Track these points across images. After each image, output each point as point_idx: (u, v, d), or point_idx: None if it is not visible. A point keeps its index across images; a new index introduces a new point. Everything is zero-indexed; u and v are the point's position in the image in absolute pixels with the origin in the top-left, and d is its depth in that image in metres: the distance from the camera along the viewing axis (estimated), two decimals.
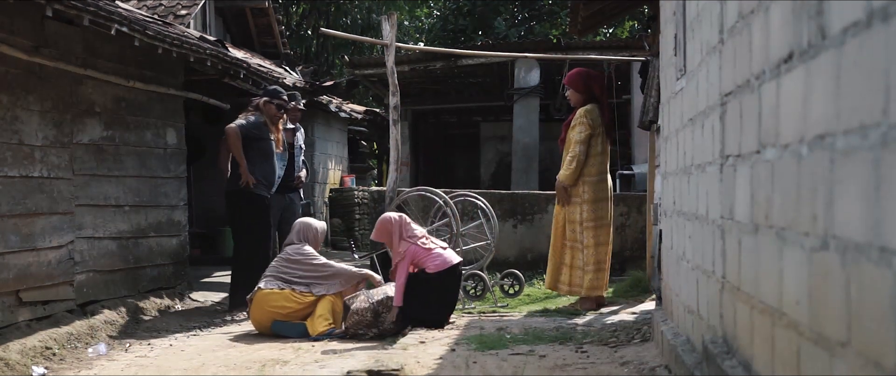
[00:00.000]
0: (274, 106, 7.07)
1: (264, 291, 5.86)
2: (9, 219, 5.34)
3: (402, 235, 5.74)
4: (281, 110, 7.16)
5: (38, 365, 4.87)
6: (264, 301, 5.82)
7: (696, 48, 3.25)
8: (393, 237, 5.78)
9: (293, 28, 21.17)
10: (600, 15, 7.47)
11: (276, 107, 7.10)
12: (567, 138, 6.48)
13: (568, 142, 6.46)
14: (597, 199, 6.40)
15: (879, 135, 1.30)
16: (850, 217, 1.45)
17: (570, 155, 6.38)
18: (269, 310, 5.80)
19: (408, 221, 5.85)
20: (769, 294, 2.04)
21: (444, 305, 5.67)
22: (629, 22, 19.52)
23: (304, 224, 6.31)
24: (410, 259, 5.65)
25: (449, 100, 16.33)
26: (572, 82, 6.55)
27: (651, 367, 3.82)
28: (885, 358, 1.29)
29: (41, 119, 5.75)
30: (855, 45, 1.42)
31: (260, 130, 7.01)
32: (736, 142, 2.45)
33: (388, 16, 7.81)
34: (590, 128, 6.39)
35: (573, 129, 6.40)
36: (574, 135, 6.37)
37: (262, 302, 5.83)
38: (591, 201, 6.38)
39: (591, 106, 6.43)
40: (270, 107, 7.05)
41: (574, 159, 6.33)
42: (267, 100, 7.08)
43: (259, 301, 5.85)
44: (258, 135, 6.96)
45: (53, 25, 5.84)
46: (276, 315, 5.80)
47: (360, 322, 5.54)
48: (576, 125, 6.40)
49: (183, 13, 11.40)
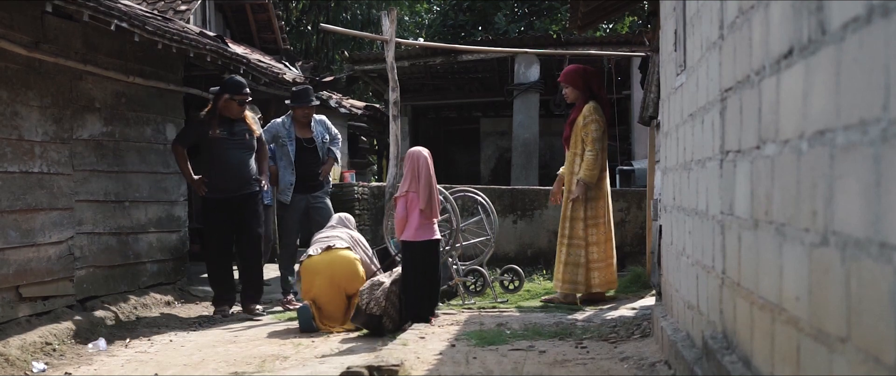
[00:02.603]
0: (235, 102, 6.62)
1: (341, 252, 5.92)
2: (9, 214, 5.35)
3: (418, 176, 5.66)
4: (242, 106, 6.68)
5: (38, 360, 4.88)
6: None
7: (696, 44, 3.25)
8: (409, 171, 5.67)
9: (293, 24, 21.16)
10: (600, 11, 7.45)
11: (238, 103, 6.63)
12: (576, 136, 6.34)
13: (579, 139, 6.32)
14: (601, 196, 6.39)
15: (879, 130, 1.30)
16: (850, 213, 1.45)
17: (590, 153, 6.23)
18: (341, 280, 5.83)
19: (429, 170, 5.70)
20: (769, 289, 2.05)
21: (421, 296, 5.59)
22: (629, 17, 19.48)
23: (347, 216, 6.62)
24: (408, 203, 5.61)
25: (449, 95, 16.31)
26: (570, 79, 6.46)
27: (651, 363, 3.83)
28: (884, 353, 1.29)
29: (41, 115, 5.75)
30: (855, 40, 1.42)
31: (199, 130, 6.67)
32: (736, 137, 2.45)
33: (388, 11, 7.81)
34: (603, 124, 6.32)
35: (587, 127, 6.25)
36: (590, 133, 6.23)
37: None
38: (595, 198, 6.36)
39: (594, 103, 6.37)
40: (231, 105, 6.61)
41: (596, 157, 6.22)
42: (227, 96, 6.59)
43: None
44: (197, 138, 6.67)
45: (53, 21, 5.83)
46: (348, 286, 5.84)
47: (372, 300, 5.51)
48: (589, 122, 6.25)
49: (183, 9, 11.39)
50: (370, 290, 5.53)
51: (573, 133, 6.39)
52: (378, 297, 5.49)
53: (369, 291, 5.54)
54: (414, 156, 5.74)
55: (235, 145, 6.64)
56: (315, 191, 7.21)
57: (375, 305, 5.47)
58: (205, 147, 6.65)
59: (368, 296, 5.50)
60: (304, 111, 7.19)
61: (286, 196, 7.14)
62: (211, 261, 6.83)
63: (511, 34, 19.09)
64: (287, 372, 4.37)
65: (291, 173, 7.12)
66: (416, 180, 5.63)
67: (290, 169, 7.12)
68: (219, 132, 6.58)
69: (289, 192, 7.13)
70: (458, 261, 6.86)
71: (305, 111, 7.21)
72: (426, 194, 5.59)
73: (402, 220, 5.63)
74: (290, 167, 7.12)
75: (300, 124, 7.20)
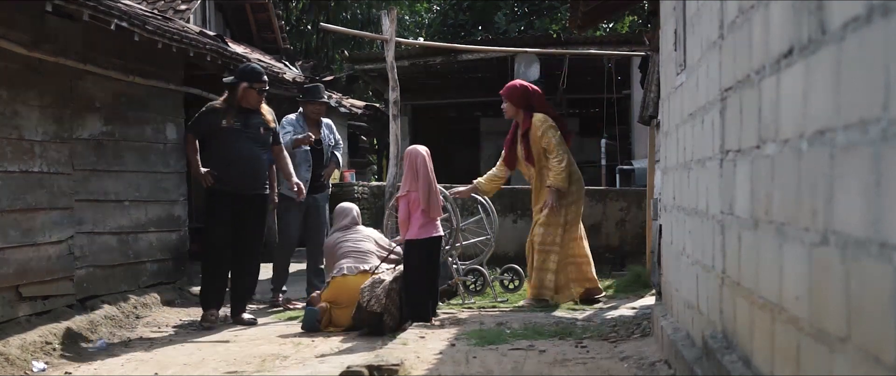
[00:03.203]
0: (255, 91, 6.19)
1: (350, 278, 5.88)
2: (9, 214, 5.34)
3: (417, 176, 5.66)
4: (261, 95, 6.26)
5: (38, 360, 4.88)
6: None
7: (696, 43, 3.25)
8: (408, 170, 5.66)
9: (293, 23, 21.14)
10: (600, 10, 7.46)
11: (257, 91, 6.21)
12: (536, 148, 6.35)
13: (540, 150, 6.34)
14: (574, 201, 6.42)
15: (879, 130, 1.30)
16: (850, 212, 1.45)
17: (555, 159, 6.25)
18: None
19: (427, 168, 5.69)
20: (769, 289, 2.05)
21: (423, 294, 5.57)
22: (629, 17, 19.48)
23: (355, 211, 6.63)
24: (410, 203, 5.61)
25: (449, 95, 16.30)
26: (510, 94, 6.48)
27: (651, 362, 3.82)
28: (884, 353, 1.29)
29: (41, 114, 5.75)
30: (855, 40, 1.42)
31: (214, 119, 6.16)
32: (736, 137, 2.45)
33: (388, 11, 7.82)
34: (557, 129, 6.34)
35: (545, 136, 6.27)
36: (551, 140, 6.26)
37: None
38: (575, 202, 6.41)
39: (542, 115, 6.37)
40: (251, 94, 6.16)
41: (562, 161, 6.24)
42: (246, 85, 6.14)
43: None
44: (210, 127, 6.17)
45: (53, 20, 5.83)
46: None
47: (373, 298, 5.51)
48: (545, 131, 6.28)
49: (183, 8, 11.40)
50: (371, 288, 5.53)
51: (532, 147, 6.39)
52: (379, 295, 5.49)
53: (370, 289, 5.54)
54: (411, 155, 5.73)
55: (249, 137, 6.17)
56: (317, 193, 7.12)
57: (376, 303, 5.47)
58: (215, 137, 6.15)
59: (369, 294, 5.50)
60: (315, 107, 7.11)
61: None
62: (208, 260, 6.24)
63: (511, 33, 19.09)
64: (287, 372, 4.37)
65: (307, 169, 6.94)
66: (415, 180, 5.62)
67: (305, 165, 6.94)
68: (233, 122, 6.11)
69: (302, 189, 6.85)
70: (458, 261, 6.85)
71: (317, 107, 7.12)
72: (426, 193, 5.59)
73: (405, 221, 5.63)
74: (306, 164, 6.95)
75: (311, 121, 7.09)
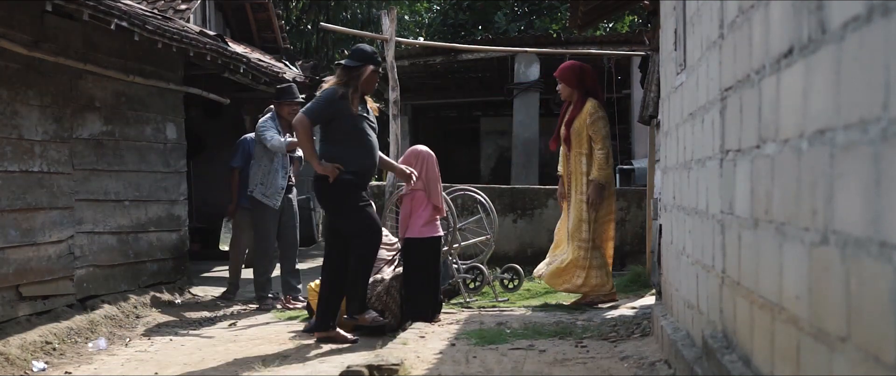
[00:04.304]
0: (378, 76, 5.63)
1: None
2: (9, 213, 5.35)
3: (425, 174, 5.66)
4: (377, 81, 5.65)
5: (38, 359, 4.88)
6: None
7: (696, 43, 3.25)
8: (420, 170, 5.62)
9: (293, 23, 21.12)
10: (600, 10, 7.46)
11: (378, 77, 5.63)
12: (580, 134, 6.11)
13: (584, 138, 6.10)
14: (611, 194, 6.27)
15: (879, 129, 1.30)
16: (850, 212, 1.45)
17: (601, 151, 6.03)
18: None
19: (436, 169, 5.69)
20: (769, 289, 2.05)
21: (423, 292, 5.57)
22: (629, 17, 19.49)
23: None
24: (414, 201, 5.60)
25: (449, 94, 16.31)
26: (565, 76, 6.23)
27: (651, 362, 3.82)
28: (884, 353, 1.29)
29: (41, 114, 5.75)
30: (855, 39, 1.42)
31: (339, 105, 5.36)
32: (736, 136, 2.45)
33: (388, 11, 7.81)
34: (607, 121, 6.13)
35: (595, 124, 6.05)
36: (599, 130, 6.05)
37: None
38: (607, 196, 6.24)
39: (595, 100, 6.26)
40: (375, 79, 5.53)
41: (606, 155, 6.04)
42: (373, 68, 5.43)
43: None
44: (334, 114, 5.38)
45: (53, 20, 5.83)
46: None
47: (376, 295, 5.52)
48: (596, 119, 6.06)
49: (183, 8, 11.38)
50: (371, 287, 5.53)
51: (574, 131, 6.15)
52: (379, 293, 5.50)
53: (371, 288, 5.54)
54: (423, 155, 5.73)
55: (371, 126, 5.51)
56: (288, 193, 6.96)
57: (377, 301, 5.48)
58: (341, 125, 5.37)
59: (369, 293, 5.50)
60: (291, 108, 6.72)
61: (275, 200, 6.78)
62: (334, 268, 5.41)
63: (511, 33, 19.09)
64: (287, 372, 4.37)
65: (283, 177, 6.81)
66: (427, 180, 5.63)
67: (282, 171, 6.80)
68: (359, 109, 5.42)
69: (279, 197, 6.80)
70: (458, 260, 6.85)
71: (292, 108, 6.67)
72: (435, 191, 5.62)
73: (406, 219, 5.64)
74: (283, 170, 6.81)
75: (286, 123, 6.75)
